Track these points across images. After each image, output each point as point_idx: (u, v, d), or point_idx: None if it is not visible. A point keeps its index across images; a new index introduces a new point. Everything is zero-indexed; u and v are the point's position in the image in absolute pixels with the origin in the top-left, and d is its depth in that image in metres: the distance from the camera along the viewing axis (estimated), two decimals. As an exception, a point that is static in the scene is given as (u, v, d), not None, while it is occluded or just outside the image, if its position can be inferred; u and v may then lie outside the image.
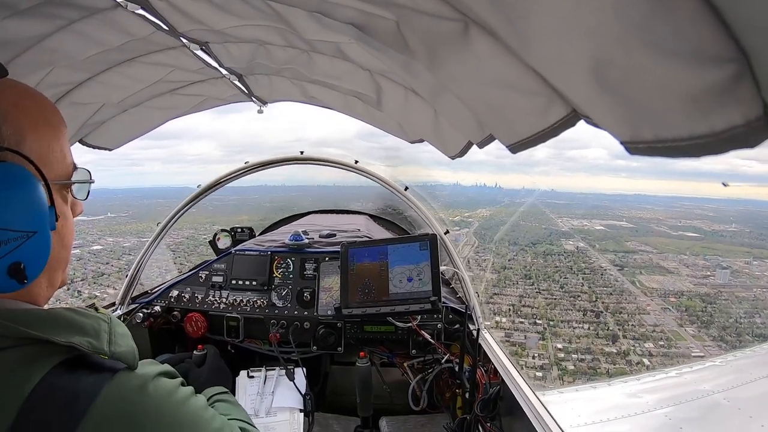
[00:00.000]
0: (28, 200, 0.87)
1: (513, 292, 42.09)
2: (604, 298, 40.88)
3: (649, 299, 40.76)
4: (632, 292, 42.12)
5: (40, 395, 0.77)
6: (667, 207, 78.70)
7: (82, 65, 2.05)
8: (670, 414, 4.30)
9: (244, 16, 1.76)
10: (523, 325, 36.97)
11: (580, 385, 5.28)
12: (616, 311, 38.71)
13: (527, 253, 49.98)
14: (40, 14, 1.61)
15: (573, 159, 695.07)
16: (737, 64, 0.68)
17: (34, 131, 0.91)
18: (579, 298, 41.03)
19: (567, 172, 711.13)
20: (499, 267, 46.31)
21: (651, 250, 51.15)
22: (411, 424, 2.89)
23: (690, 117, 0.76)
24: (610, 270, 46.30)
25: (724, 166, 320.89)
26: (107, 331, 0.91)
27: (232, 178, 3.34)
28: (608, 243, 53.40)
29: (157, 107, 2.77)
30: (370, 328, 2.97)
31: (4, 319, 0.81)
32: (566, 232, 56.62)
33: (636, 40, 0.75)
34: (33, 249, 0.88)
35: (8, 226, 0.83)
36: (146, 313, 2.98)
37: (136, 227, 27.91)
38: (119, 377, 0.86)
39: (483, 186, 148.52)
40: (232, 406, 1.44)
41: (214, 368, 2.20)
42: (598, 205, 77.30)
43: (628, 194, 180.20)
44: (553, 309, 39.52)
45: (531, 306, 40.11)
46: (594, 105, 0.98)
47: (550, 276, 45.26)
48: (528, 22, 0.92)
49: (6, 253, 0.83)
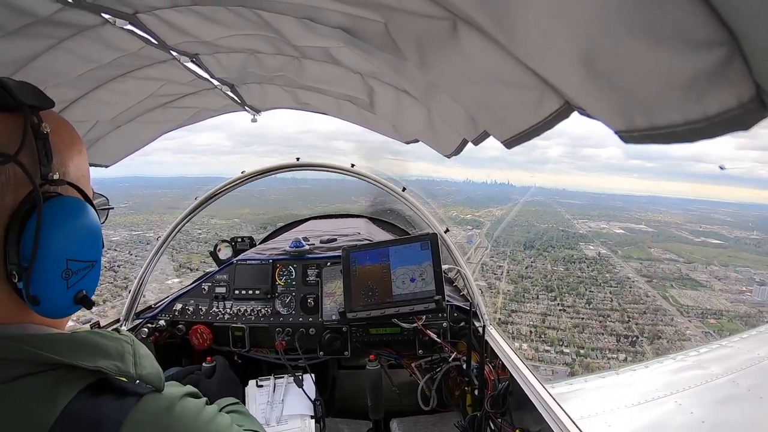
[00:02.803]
0: (91, 232, 0.92)
1: (534, 308, 38.38)
2: (638, 318, 37.21)
3: (687, 320, 37.05)
4: (667, 311, 38.32)
5: (65, 424, 0.75)
6: (684, 210, 77.11)
7: (74, 83, 2.05)
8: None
9: (233, 26, 1.76)
10: (549, 355, 32.91)
11: (588, 376, 5.38)
12: (653, 336, 34.88)
13: (546, 259, 47.32)
14: (29, 34, 1.61)
15: (587, 157, 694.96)
16: (727, 47, 0.68)
17: (71, 159, 0.92)
18: (609, 318, 37.21)
19: (578, 171, 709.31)
20: (516, 276, 43.39)
21: (677, 259, 48.59)
22: (422, 424, 2.89)
23: (683, 102, 0.76)
24: (638, 282, 42.93)
25: (741, 171, 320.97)
26: (131, 353, 0.90)
27: (230, 189, 3.33)
28: (631, 249, 51.22)
29: (150, 122, 2.77)
30: (376, 330, 2.97)
31: (27, 345, 0.79)
32: (584, 235, 54.73)
33: (624, 28, 0.75)
34: (93, 277, 0.93)
35: (78, 257, 0.88)
36: (151, 327, 2.98)
37: (131, 219, 27.00)
38: (146, 401, 0.84)
39: (494, 183, 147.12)
40: (245, 417, 1.43)
41: (225, 379, 2.20)
42: (612, 206, 75.96)
43: (641, 195, 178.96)
44: (582, 332, 35.66)
45: (556, 327, 36.14)
46: (586, 96, 0.98)
47: (574, 288, 41.51)
48: (515, 17, 0.92)
49: (75, 282, 0.88)
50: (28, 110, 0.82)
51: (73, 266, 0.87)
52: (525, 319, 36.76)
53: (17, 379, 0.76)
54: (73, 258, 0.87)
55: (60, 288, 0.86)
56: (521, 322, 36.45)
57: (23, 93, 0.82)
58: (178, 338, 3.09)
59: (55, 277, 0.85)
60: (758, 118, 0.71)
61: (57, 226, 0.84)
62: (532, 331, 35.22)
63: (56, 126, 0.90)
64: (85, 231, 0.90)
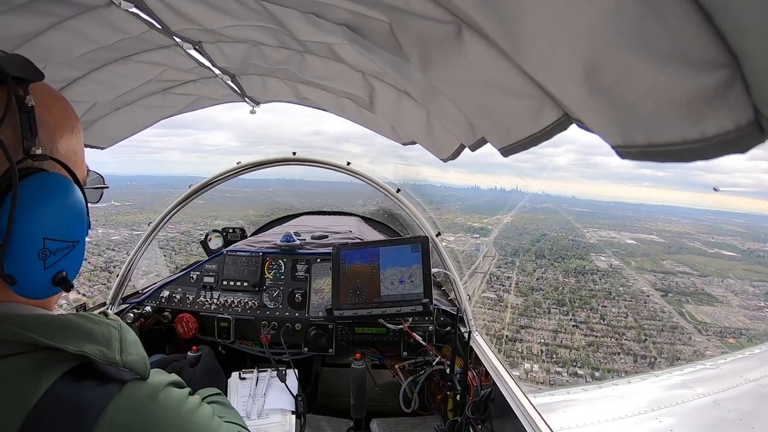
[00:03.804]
0: (74, 210, 0.90)
1: (545, 324, 36.15)
2: (655, 337, 35.34)
3: (706, 338, 35.27)
4: (685, 328, 36.59)
5: (47, 405, 0.74)
6: (694, 220, 76.05)
7: (75, 63, 2.04)
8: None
9: (238, 16, 1.76)
10: (561, 378, 30.62)
11: (571, 388, 5.37)
12: (672, 357, 32.83)
13: (556, 270, 45.54)
14: (33, 11, 1.61)
15: (597, 165, 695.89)
16: (729, 69, 0.69)
17: (61, 136, 0.91)
18: (625, 336, 35.35)
19: (588, 179, 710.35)
20: (526, 288, 41.35)
21: (692, 272, 47.26)
22: (402, 426, 2.89)
23: (682, 121, 0.76)
24: (653, 296, 41.22)
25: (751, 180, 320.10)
26: (118, 339, 0.89)
27: (224, 179, 3.32)
28: (644, 261, 49.95)
29: (149, 106, 2.76)
30: (362, 329, 2.97)
31: (14, 325, 0.78)
32: (595, 245, 53.64)
33: (627, 43, 0.75)
34: (75, 257, 0.91)
35: (57, 237, 0.86)
36: (137, 313, 2.96)
37: (133, 218, 26.61)
38: (129, 388, 0.83)
39: (502, 189, 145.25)
40: (225, 408, 1.43)
41: (209, 369, 2.18)
42: (623, 216, 74.97)
43: (651, 204, 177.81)
44: (596, 351, 33.65)
45: (568, 346, 33.90)
46: (586, 108, 0.98)
47: (587, 302, 39.49)
48: (520, 26, 0.92)
49: (54, 263, 0.86)
50: (12, 82, 0.80)
51: (51, 246, 0.85)
52: (536, 337, 34.73)
53: (1, 359, 0.76)
54: (51, 237, 0.85)
55: (36, 267, 0.84)
56: (532, 340, 34.39)
57: (10, 65, 0.81)
58: (163, 325, 3.07)
59: (31, 257, 0.83)
60: (755, 142, 0.71)
61: (34, 203, 0.82)
62: (542, 350, 33.16)
63: (49, 101, 0.89)
64: (67, 210, 0.88)
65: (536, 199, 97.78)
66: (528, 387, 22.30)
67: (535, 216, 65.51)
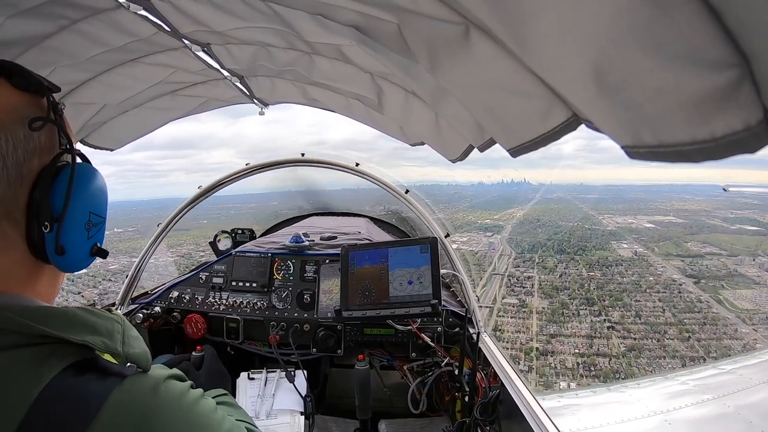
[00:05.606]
0: (104, 193, 1.04)
1: (577, 329, 32.94)
2: (698, 333, 32.27)
3: (752, 328, 32.21)
4: (727, 318, 33.51)
5: (49, 397, 0.75)
6: (708, 196, 71.23)
7: (84, 65, 2.05)
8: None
9: (246, 18, 1.76)
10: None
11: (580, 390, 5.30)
12: (721, 356, 29.18)
13: (578, 264, 43.19)
14: (42, 14, 1.62)
15: (604, 149, 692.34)
16: (738, 69, 0.68)
17: (72, 136, 0.99)
18: (666, 335, 32.26)
19: (595, 164, 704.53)
20: (550, 288, 38.82)
21: (720, 252, 44.48)
22: (410, 427, 2.89)
23: (691, 122, 0.76)
24: (686, 285, 38.06)
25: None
26: (120, 333, 0.91)
27: (234, 180, 3.34)
28: (667, 245, 47.46)
29: (158, 108, 2.78)
30: (370, 330, 2.97)
31: (20, 316, 0.80)
32: (614, 232, 51.46)
33: (636, 44, 0.75)
34: (102, 233, 1.04)
35: (97, 212, 1.00)
36: (146, 313, 2.99)
37: (134, 245, 26.34)
38: (129, 381, 0.84)
39: (510, 183, 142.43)
40: (233, 408, 1.44)
41: (213, 371, 2.19)
42: (635, 198, 72.81)
43: (661, 184, 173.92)
44: (639, 356, 30.79)
45: (606, 354, 30.59)
46: (595, 109, 0.98)
47: (618, 298, 36.55)
48: (528, 26, 0.92)
49: (93, 235, 0.99)
50: (49, 93, 0.93)
51: (94, 219, 0.99)
52: (568, 345, 31.67)
53: (5, 350, 0.77)
54: (93, 212, 0.99)
55: (83, 238, 0.96)
56: (565, 350, 31.45)
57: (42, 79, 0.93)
58: (172, 326, 3.09)
59: (80, 228, 0.95)
60: (765, 142, 0.71)
61: (83, 183, 0.96)
62: (578, 363, 29.79)
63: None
64: (101, 191, 1.02)
65: (546, 190, 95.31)
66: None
67: (547, 207, 64.20)
